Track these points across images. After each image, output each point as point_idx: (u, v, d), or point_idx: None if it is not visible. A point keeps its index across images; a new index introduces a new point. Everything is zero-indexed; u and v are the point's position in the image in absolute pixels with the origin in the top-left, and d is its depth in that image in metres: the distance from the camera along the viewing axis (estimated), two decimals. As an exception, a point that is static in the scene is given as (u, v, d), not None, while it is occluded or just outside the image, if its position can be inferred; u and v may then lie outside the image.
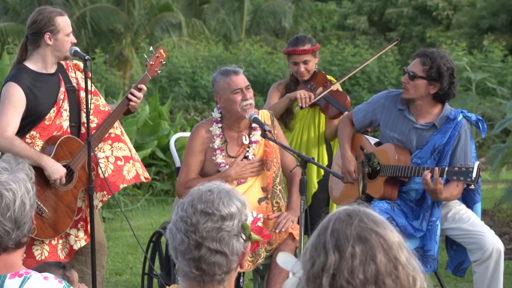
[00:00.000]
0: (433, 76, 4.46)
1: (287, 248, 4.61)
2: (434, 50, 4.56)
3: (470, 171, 4.23)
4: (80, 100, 4.57)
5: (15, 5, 21.56)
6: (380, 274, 1.61)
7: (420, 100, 4.55)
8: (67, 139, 4.43)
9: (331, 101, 5.33)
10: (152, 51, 4.79)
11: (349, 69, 19.24)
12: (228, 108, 4.67)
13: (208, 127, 4.75)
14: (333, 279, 1.61)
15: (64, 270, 3.41)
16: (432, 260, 4.46)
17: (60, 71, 4.56)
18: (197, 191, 2.13)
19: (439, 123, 4.53)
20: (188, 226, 2.08)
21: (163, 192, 10.71)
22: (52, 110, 4.43)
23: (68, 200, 4.45)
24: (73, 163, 4.43)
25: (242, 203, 2.15)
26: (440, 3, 26.15)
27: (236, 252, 2.11)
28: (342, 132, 4.91)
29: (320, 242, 1.65)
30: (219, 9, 25.87)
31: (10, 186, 2.42)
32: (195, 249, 2.07)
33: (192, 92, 18.39)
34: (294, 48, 5.32)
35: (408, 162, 4.53)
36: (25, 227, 2.46)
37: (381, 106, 4.72)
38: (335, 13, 31.21)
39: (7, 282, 2.41)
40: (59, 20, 4.44)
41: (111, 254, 7.15)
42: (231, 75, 4.65)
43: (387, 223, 1.69)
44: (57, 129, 4.45)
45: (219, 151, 4.70)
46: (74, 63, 4.67)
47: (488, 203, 8.93)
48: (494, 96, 14.47)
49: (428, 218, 4.48)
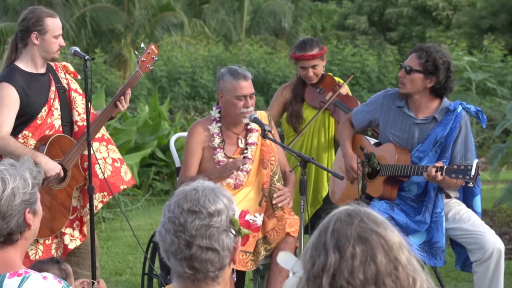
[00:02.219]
0: (429, 70, 4.46)
1: (287, 247, 4.61)
2: (430, 45, 4.57)
3: (469, 169, 4.22)
4: (71, 99, 4.60)
5: (15, 5, 21.54)
6: (380, 275, 1.61)
7: (418, 95, 4.55)
8: (58, 138, 4.45)
9: (341, 106, 5.32)
10: (143, 47, 4.81)
11: (349, 69, 19.26)
12: (227, 109, 4.67)
13: (206, 125, 4.75)
14: (333, 279, 1.61)
15: (59, 264, 3.44)
16: (441, 252, 4.44)
17: (50, 71, 4.60)
18: (182, 191, 2.14)
19: (439, 116, 4.53)
20: (176, 226, 2.09)
21: (163, 192, 10.71)
22: (44, 109, 4.45)
23: (62, 198, 4.46)
24: (65, 161, 4.45)
25: (229, 198, 2.15)
26: (440, 3, 26.15)
27: (227, 248, 2.12)
28: (342, 132, 4.91)
29: (320, 242, 1.65)
30: (219, 9, 25.87)
31: (3, 175, 2.44)
32: (186, 248, 2.08)
33: (192, 92, 18.39)
34: (303, 54, 5.26)
35: (408, 162, 4.53)
36: (12, 220, 2.44)
37: (379, 105, 4.73)
38: (335, 13, 31.22)
39: (6, 281, 2.41)
40: (48, 21, 4.45)
41: (111, 254, 7.15)
42: (240, 79, 4.62)
43: (387, 224, 1.69)
44: (49, 128, 4.47)
45: (219, 149, 4.70)
46: (63, 65, 4.72)
47: (488, 203, 8.93)
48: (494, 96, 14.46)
49: (432, 210, 4.47)
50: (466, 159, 4.47)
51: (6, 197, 2.43)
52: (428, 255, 4.46)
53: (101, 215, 8.53)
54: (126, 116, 11.36)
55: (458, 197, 4.68)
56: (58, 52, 4.52)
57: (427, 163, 4.49)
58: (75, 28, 20.95)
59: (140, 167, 10.20)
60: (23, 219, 2.48)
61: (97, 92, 9.60)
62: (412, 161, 4.55)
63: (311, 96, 5.39)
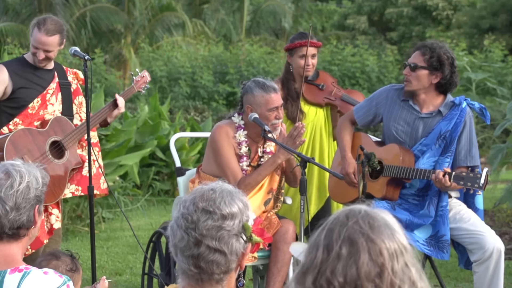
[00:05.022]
0: (434, 65, 4.47)
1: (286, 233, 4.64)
2: (433, 41, 4.59)
3: (478, 177, 4.21)
4: (78, 103, 4.82)
5: (15, 5, 21.56)
6: (360, 279, 1.58)
7: (423, 92, 4.56)
8: (60, 118, 4.67)
9: (349, 100, 5.32)
10: (138, 71, 5.09)
11: (349, 68, 19.27)
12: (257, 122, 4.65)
13: (232, 132, 4.72)
14: (317, 277, 1.61)
15: (72, 257, 3.59)
16: (447, 245, 4.44)
17: (57, 70, 4.76)
18: (200, 190, 2.14)
19: (444, 110, 4.54)
20: (188, 223, 2.09)
21: (163, 192, 10.71)
22: (36, 100, 4.61)
23: (59, 173, 4.62)
24: (65, 140, 4.63)
25: (244, 204, 2.15)
26: (440, 3, 26.15)
27: (235, 252, 2.11)
28: (341, 133, 4.88)
29: (315, 239, 1.65)
30: (219, 9, 25.87)
31: (20, 169, 2.52)
32: (194, 246, 2.07)
33: (192, 92, 18.39)
34: (306, 40, 5.22)
35: (412, 163, 4.52)
36: (24, 213, 2.51)
37: (384, 98, 4.71)
38: (335, 13, 31.22)
39: (7, 277, 2.45)
40: (34, 32, 4.59)
41: (111, 254, 7.15)
42: (271, 92, 4.62)
43: (391, 230, 1.64)
44: (39, 119, 4.63)
45: (245, 157, 4.70)
46: (74, 71, 4.87)
47: (488, 203, 8.92)
48: (494, 96, 14.47)
49: (437, 203, 4.47)
50: (471, 154, 4.48)
51: (22, 189, 2.50)
52: (434, 249, 4.46)
53: (101, 215, 8.53)
54: (126, 116, 11.36)
55: (458, 197, 4.68)
56: (40, 64, 4.63)
57: (429, 157, 4.50)
58: (75, 28, 20.96)
59: (140, 167, 10.20)
60: (33, 214, 2.54)
61: (97, 92, 9.59)
62: (415, 155, 4.54)
63: (313, 94, 5.37)
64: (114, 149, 9.05)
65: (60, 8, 20.89)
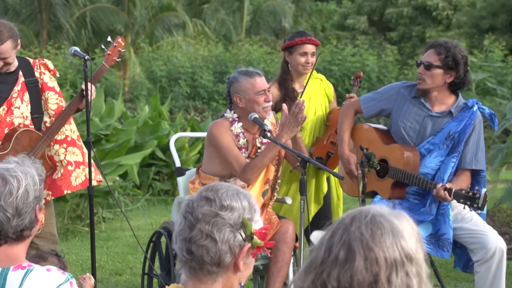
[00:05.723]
0: (449, 65, 4.49)
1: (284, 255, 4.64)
2: (447, 40, 4.60)
3: (477, 198, 4.24)
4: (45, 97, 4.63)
5: (15, 5, 21.56)
6: (353, 287, 1.55)
7: (436, 91, 4.56)
8: (24, 132, 4.53)
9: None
10: (110, 41, 4.82)
11: (349, 68, 19.26)
12: (248, 109, 4.64)
13: (228, 126, 4.73)
14: (315, 277, 1.60)
15: (58, 257, 3.61)
16: (448, 244, 4.44)
17: (22, 67, 4.61)
18: (214, 184, 2.16)
19: (455, 111, 4.55)
20: (188, 208, 2.10)
21: (163, 192, 10.70)
22: (2, 108, 4.52)
23: None
24: (32, 152, 4.49)
25: (251, 204, 2.13)
26: (440, 3, 26.16)
27: (228, 243, 2.07)
28: (342, 125, 4.86)
29: (322, 237, 1.64)
30: (219, 9, 25.88)
31: (16, 173, 2.49)
32: (189, 229, 2.08)
33: (192, 92, 18.40)
34: (308, 38, 5.21)
35: (416, 163, 4.51)
36: (26, 217, 2.50)
37: (395, 94, 4.70)
38: (335, 13, 31.23)
39: (10, 274, 2.46)
40: None
41: (111, 254, 7.14)
42: (255, 76, 4.64)
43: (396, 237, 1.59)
44: (8, 126, 4.53)
45: (244, 149, 4.70)
46: (42, 62, 4.72)
47: (488, 203, 8.90)
48: (494, 96, 14.47)
49: (438, 202, 4.47)
50: (477, 158, 4.50)
51: (21, 194, 2.48)
52: (435, 247, 4.46)
53: (101, 215, 8.52)
54: (126, 116, 11.36)
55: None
56: (1, 70, 4.51)
57: (436, 156, 4.50)
58: (75, 28, 20.98)
59: (140, 167, 10.19)
60: (34, 215, 2.54)
61: (97, 92, 9.59)
62: (421, 153, 4.55)
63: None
64: (114, 149, 9.04)
65: (60, 8, 20.90)
